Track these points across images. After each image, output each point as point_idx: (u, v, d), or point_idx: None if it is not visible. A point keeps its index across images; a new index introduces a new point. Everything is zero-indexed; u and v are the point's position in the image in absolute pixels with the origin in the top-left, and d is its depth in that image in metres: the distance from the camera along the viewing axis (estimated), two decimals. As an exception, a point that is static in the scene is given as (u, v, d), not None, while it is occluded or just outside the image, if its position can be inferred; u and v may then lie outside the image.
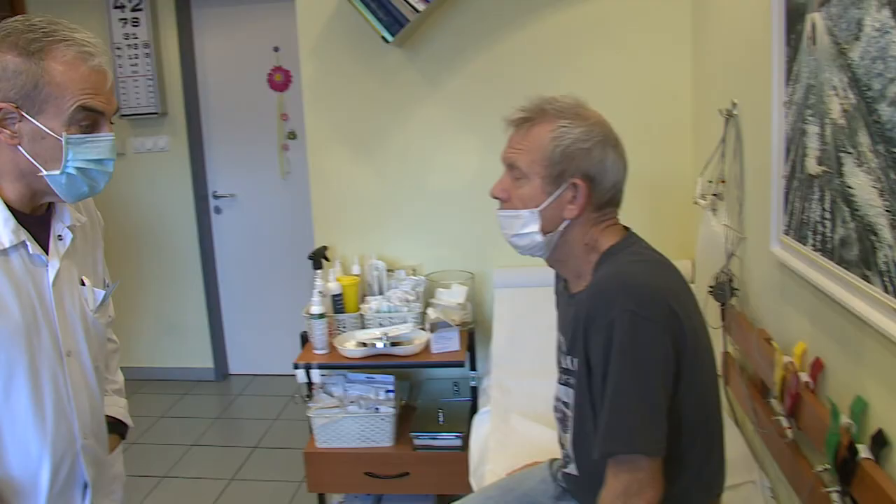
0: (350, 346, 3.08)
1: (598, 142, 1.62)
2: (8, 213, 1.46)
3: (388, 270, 3.41)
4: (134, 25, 4.76)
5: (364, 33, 3.27)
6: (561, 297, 1.84)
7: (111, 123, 1.51)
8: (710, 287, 2.48)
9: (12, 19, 1.45)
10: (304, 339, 3.26)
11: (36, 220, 1.54)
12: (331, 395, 3.17)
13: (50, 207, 1.58)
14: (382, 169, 3.48)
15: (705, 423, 1.62)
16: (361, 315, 3.24)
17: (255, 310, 5.22)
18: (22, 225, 1.48)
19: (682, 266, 3.12)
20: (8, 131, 1.41)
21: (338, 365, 3.11)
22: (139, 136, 4.97)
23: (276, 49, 4.86)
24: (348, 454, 3.10)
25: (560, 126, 1.61)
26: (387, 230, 3.52)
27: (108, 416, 1.80)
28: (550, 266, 1.81)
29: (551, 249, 1.69)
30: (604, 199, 1.66)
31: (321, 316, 3.08)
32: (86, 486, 1.62)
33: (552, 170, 1.61)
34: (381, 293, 3.35)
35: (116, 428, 1.86)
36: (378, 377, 3.21)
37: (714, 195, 2.62)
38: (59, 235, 1.58)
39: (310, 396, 3.17)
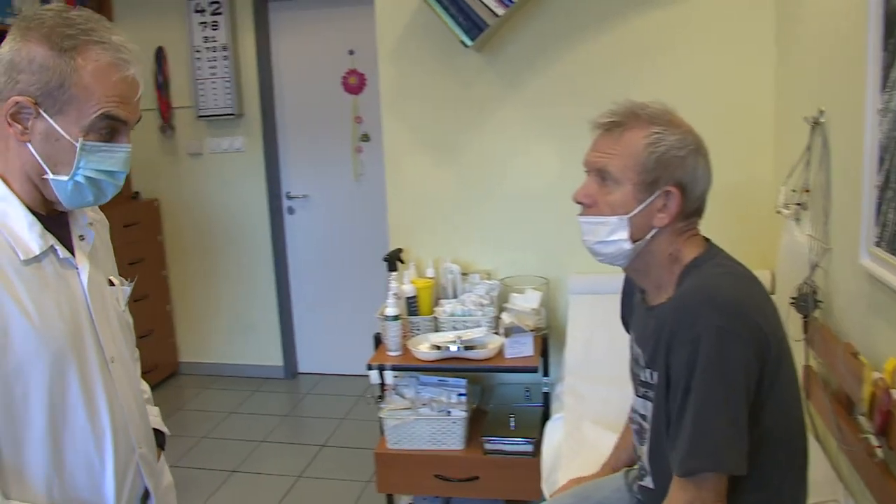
0: (423, 348, 3.09)
1: (692, 150, 1.61)
2: (32, 218, 1.37)
3: (463, 274, 3.41)
4: (213, 29, 4.86)
5: (442, 37, 3.28)
6: (638, 309, 1.80)
7: (129, 133, 1.43)
8: (793, 298, 2.43)
9: (48, 7, 1.35)
10: (378, 340, 3.29)
11: (54, 220, 1.44)
12: (403, 396, 3.18)
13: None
14: (458, 172, 3.49)
15: (788, 439, 1.59)
16: (435, 318, 3.25)
17: (325, 310, 5.27)
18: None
19: (762, 277, 3.04)
20: (20, 126, 1.32)
21: (411, 367, 3.13)
22: (215, 137, 5.07)
23: (350, 52, 4.91)
24: (419, 456, 3.11)
25: (654, 132, 1.59)
26: (462, 234, 3.53)
27: None
28: (629, 275, 1.79)
29: (634, 258, 1.67)
30: (692, 208, 1.64)
31: (395, 318, 3.10)
32: (147, 495, 1.58)
33: (646, 176, 1.59)
34: (455, 297, 3.36)
35: (157, 439, 1.75)
36: (451, 380, 3.22)
37: (798, 205, 2.57)
38: (81, 235, 1.50)
39: (382, 397, 3.19)
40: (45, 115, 1.32)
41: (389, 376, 3.11)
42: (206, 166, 5.14)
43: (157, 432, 1.75)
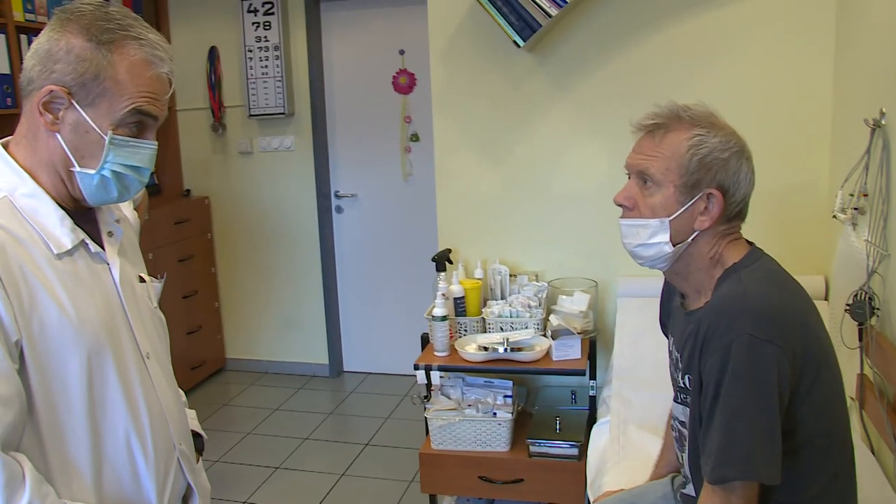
0: (471, 349, 3.08)
1: (735, 153, 1.58)
2: (62, 212, 1.37)
3: (511, 275, 3.40)
4: (266, 29, 4.90)
5: (494, 37, 3.28)
6: (677, 314, 1.78)
7: (156, 130, 1.44)
8: (848, 305, 2.37)
9: (88, 1, 1.38)
10: (425, 340, 3.29)
11: (82, 216, 1.44)
12: (448, 397, 3.18)
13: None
14: (508, 173, 3.48)
15: (828, 447, 1.55)
16: (483, 319, 3.24)
17: (371, 308, 5.30)
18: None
19: (815, 282, 3.02)
20: (52, 116, 1.33)
21: (458, 368, 3.12)
22: (266, 136, 5.12)
23: (401, 52, 4.92)
24: (463, 457, 3.10)
25: (697, 134, 1.57)
26: (510, 235, 3.52)
27: None
28: (669, 279, 1.76)
29: (674, 262, 1.65)
30: (734, 211, 1.61)
31: (443, 318, 3.10)
32: (189, 491, 1.58)
33: (688, 179, 1.57)
34: (502, 298, 3.35)
35: (196, 443, 1.74)
36: (497, 382, 3.20)
37: (855, 209, 2.51)
38: (110, 231, 1.50)
39: (428, 397, 3.19)
40: (76, 106, 1.33)
41: (436, 376, 3.11)
42: (256, 165, 5.19)
43: (196, 435, 1.74)
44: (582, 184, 3.39)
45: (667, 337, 1.89)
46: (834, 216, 2.68)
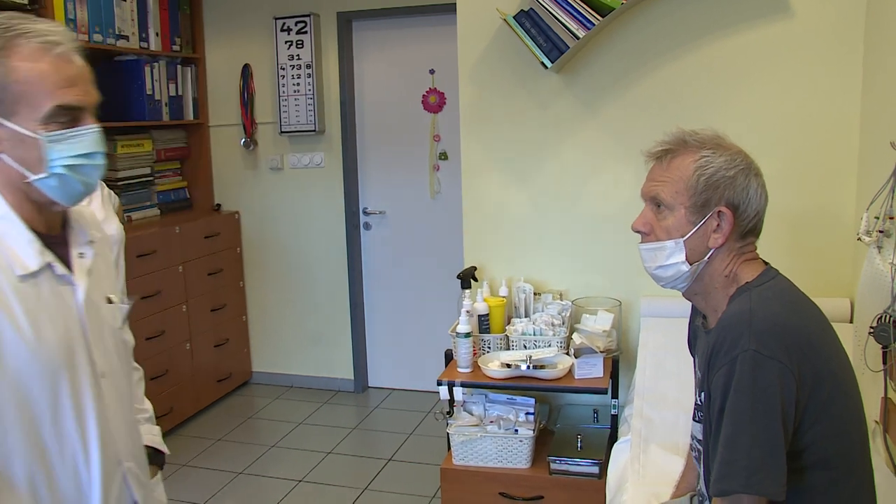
0: (494, 366, 3.10)
1: (742, 170, 1.62)
2: (32, 235, 1.40)
3: (535, 294, 3.42)
4: (298, 47, 4.98)
5: (522, 58, 3.32)
6: (699, 334, 1.81)
7: (94, 116, 1.42)
8: (872, 328, 2.37)
9: None
10: (449, 356, 3.32)
11: (54, 239, 1.47)
12: (471, 413, 3.20)
13: (65, 226, 1.52)
14: (534, 192, 3.51)
15: (842, 469, 1.56)
16: (507, 336, 3.26)
17: (397, 325, 5.33)
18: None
19: (841, 305, 3.02)
20: None
21: (480, 384, 3.14)
22: (296, 153, 5.20)
23: (431, 71, 4.97)
24: (484, 473, 3.12)
25: (703, 156, 1.62)
26: (535, 254, 3.54)
27: (144, 445, 1.76)
28: (688, 299, 1.79)
29: (692, 281, 1.69)
30: (747, 227, 1.65)
31: (467, 335, 3.12)
32: None
33: (697, 199, 1.62)
34: (526, 316, 3.36)
35: (154, 458, 1.80)
36: (519, 399, 3.22)
37: (880, 232, 2.51)
38: (81, 253, 1.52)
39: (450, 413, 3.21)
40: (2, 120, 1.34)
41: (459, 392, 3.13)
42: (287, 181, 5.26)
43: (158, 451, 1.80)
44: (607, 204, 3.41)
45: (693, 356, 1.91)
46: (859, 239, 2.68)
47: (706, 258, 1.65)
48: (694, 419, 1.76)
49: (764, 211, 1.66)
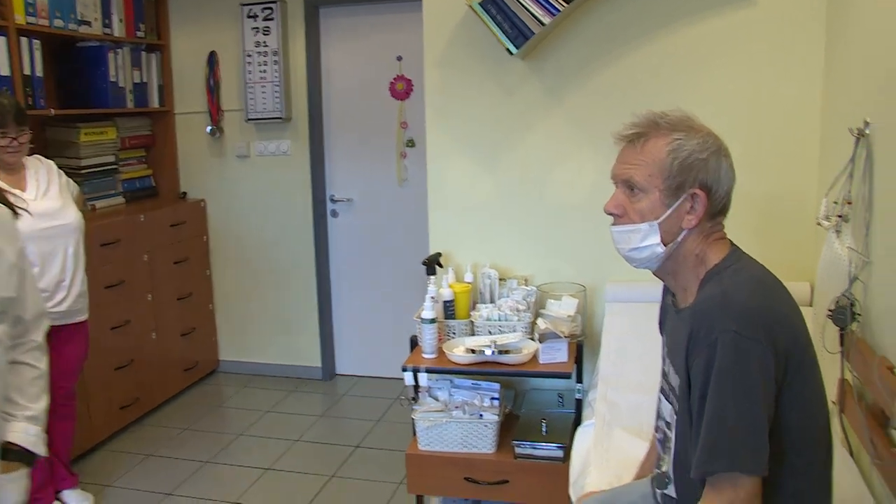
0: (459, 351, 3.11)
1: (713, 152, 1.64)
2: None
3: (500, 279, 3.44)
4: (265, 34, 4.95)
5: (488, 44, 3.31)
6: (669, 312, 1.83)
7: None
8: (830, 311, 2.40)
9: None
10: (414, 342, 3.32)
11: None
12: (436, 399, 3.21)
13: None
14: (500, 179, 3.52)
15: (809, 448, 1.58)
16: (472, 322, 3.27)
17: (364, 312, 5.33)
18: None
19: (801, 288, 3.06)
20: None
21: (445, 370, 3.15)
22: (263, 140, 5.17)
23: (398, 58, 4.96)
24: (449, 458, 3.13)
25: (676, 139, 1.63)
26: (501, 240, 3.55)
27: (8, 442, 1.76)
28: (659, 277, 1.81)
29: (664, 260, 1.70)
30: (717, 207, 1.67)
31: (432, 321, 3.13)
32: None
33: (671, 182, 1.63)
34: (492, 301, 3.38)
35: (20, 456, 1.78)
36: (484, 384, 3.23)
37: (839, 217, 2.54)
38: None
39: (415, 399, 3.21)
40: None
41: (424, 378, 3.13)
42: (253, 168, 5.23)
43: (27, 452, 1.79)
44: (572, 190, 3.43)
45: (662, 335, 1.92)
46: (818, 223, 2.71)
47: (679, 238, 1.66)
48: (666, 399, 1.77)
49: (732, 189, 1.68)
